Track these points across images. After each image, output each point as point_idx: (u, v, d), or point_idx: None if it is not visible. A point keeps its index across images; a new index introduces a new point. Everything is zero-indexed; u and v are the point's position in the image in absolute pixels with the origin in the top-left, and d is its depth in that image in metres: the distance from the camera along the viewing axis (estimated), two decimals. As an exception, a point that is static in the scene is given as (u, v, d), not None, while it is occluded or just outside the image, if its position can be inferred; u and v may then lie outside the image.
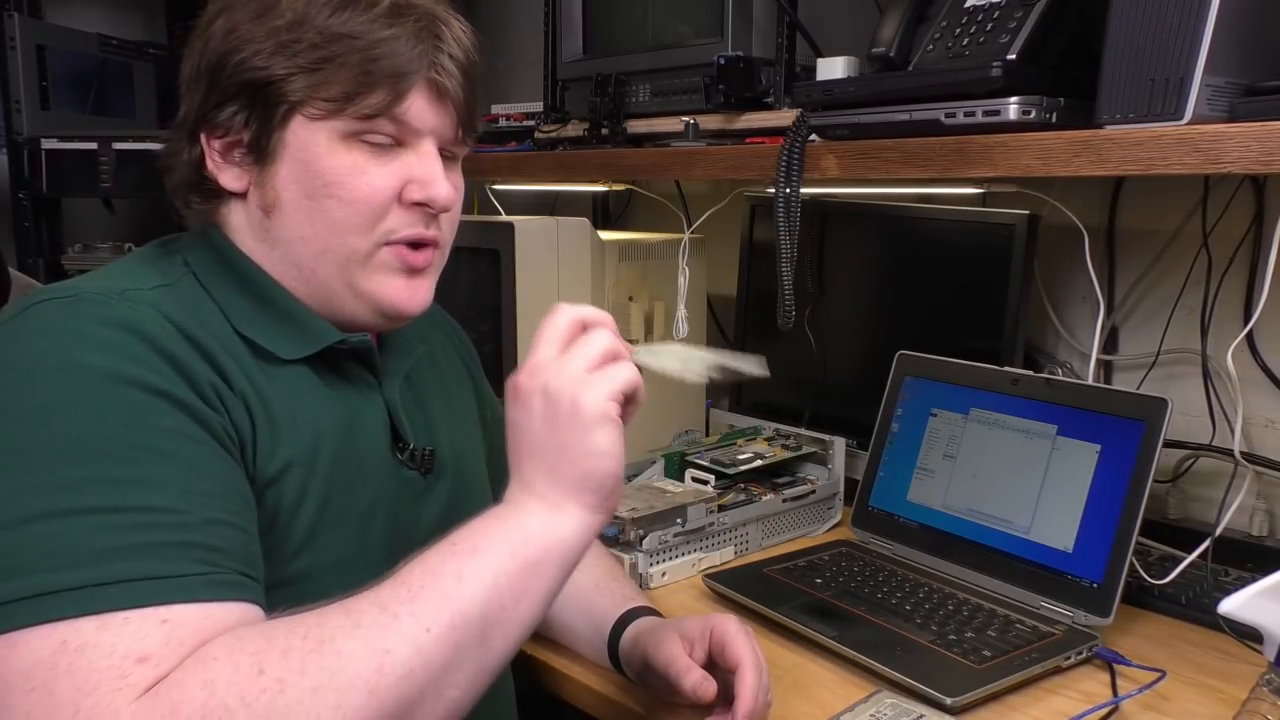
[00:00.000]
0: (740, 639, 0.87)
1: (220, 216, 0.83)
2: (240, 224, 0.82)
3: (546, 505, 0.70)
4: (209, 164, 0.80)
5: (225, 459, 0.71)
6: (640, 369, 0.75)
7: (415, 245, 0.83)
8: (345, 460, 0.81)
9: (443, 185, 0.81)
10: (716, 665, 0.88)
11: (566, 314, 0.75)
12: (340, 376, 0.84)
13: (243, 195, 0.81)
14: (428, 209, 0.81)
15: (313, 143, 0.78)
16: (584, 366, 0.71)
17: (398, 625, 0.63)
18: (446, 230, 0.86)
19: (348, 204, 0.78)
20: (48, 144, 2.12)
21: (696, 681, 0.85)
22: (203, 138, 0.80)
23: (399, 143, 0.80)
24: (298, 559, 0.76)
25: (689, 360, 0.80)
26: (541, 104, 1.71)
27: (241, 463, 0.73)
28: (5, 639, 0.60)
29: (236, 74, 0.77)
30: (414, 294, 0.83)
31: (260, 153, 0.79)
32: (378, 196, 0.79)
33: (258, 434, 0.75)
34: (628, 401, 0.73)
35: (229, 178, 0.80)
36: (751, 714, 0.84)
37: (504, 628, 0.67)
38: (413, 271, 0.83)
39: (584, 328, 0.75)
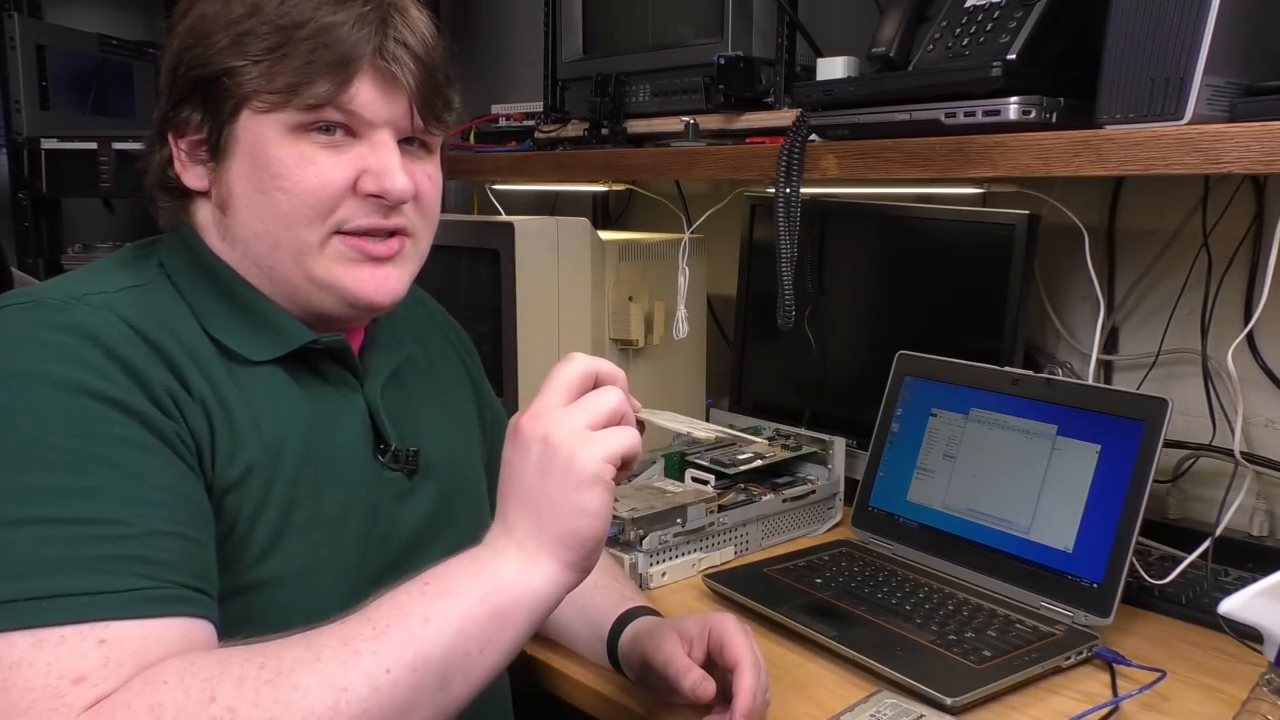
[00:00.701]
0: (739, 638, 0.87)
1: (188, 216, 0.83)
2: (205, 223, 0.82)
3: (524, 555, 0.69)
4: (175, 164, 0.81)
5: (177, 467, 0.70)
6: (642, 426, 0.75)
7: (374, 234, 0.81)
8: (315, 463, 0.80)
9: (397, 176, 0.79)
10: (715, 664, 0.88)
11: (580, 364, 0.73)
12: (317, 377, 0.83)
13: (206, 194, 0.81)
14: (383, 200, 0.79)
15: (261, 136, 0.77)
16: (587, 423, 0.70)
17: (358, 663, 0.63)
18: (416, 219, 0.83)
19: (294, 195, 0.77)
20: (48, 144, 2.12)
21: (695, 681, 0.85)
22: (170, 138, 0.80)
23: (352, 133, 0.79)
24: (261, 565, 0.75)
25: (695, 425, 0.82)
26: (541, 104, 1.71)
27: (199, 470, 0.72)
28: None
29: (190, 71, 0.77)
30: (381, 283, 0.81)
31: (216, 149, 0.79)
32: (327, 188, 0.77)
33: (216, 439, 0.74)
34: (624, 465, 0.71)
35: (192, 177, 0.80)
36: (750, 713, 0.84)
37: (466, 674, 0.66)
38: (378, 260, 0.81)
39: (596, 381, 0.73)
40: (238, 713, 0.59)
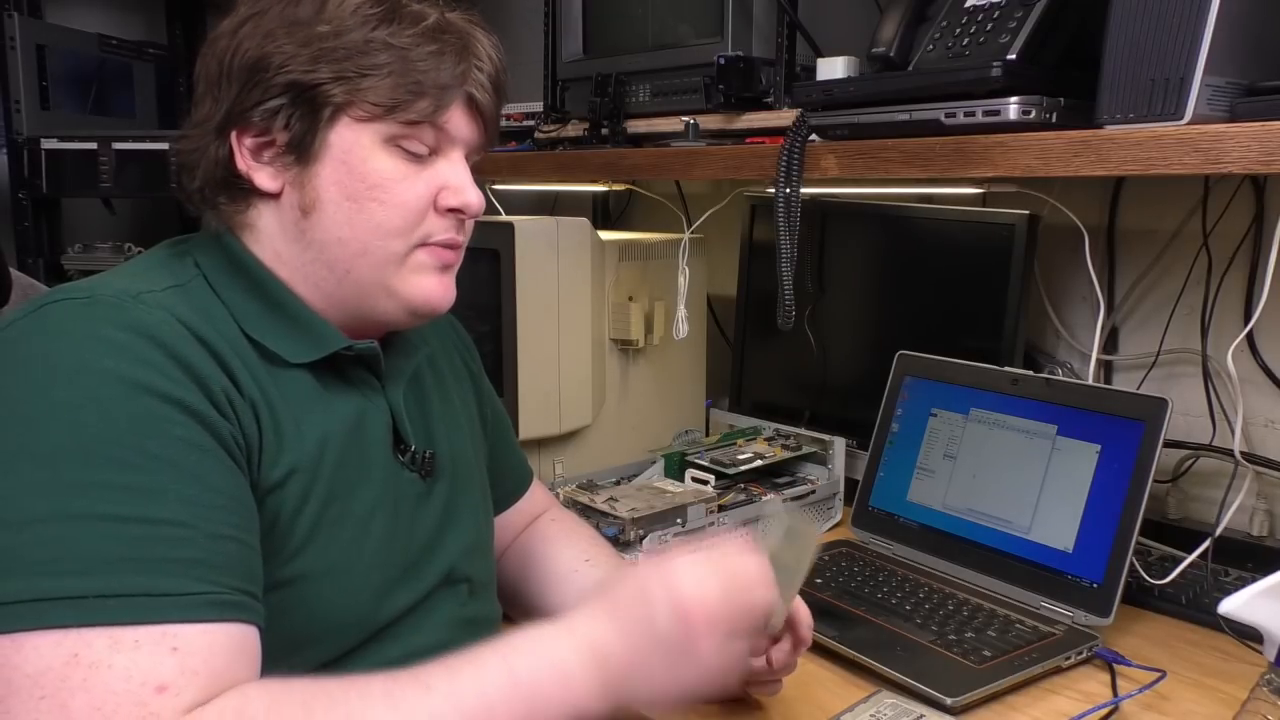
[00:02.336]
0: (803, 609, 0.90)
1: (244, 218, 0.82)
2: (268, 225, 0.81)
3: (605, 694, 0.70)
4: (240, 163, 0.79)
5: (232, 470, 0.71)
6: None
7: (449, 248, 0.85)
8: (349, 464, 0.81)
9: (475, 192, 0.84)
10: None
11: (766, 602, 0.74)
12: (344, 381, 0.84)
13: (275, 196, 0.81)
14: (460, 214, 0.84)
15: (357, 144, 0.79)
16: (729, 658, 0.72)
17: None
18: (469, 234, 0.88)
19: (390, 207, 0.80)
20: (48, 144, 2.11)
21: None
22: (233, 137, 0.79)
23: (433, 151, 0.82)
24: (293, 563, 0.76)
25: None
26: (541, 104, 1.71)
27: (246, 471, 0.73)
28: (9, 639, 0.60)
29: (280, 74, 0.77)
30: (446, 292, 0.85)
31: (301, 153, 0.79)
32: (418, 202, 0.81)
33: (264, 440, 0.75)
34: None
35: (264, 177, 0.80)
36: (810, 626, 0.89)
37: None
38: (445, 269, 0.85)
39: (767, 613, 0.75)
40: None
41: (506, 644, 0.70)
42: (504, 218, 1.54)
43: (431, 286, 0.84)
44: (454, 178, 0.83)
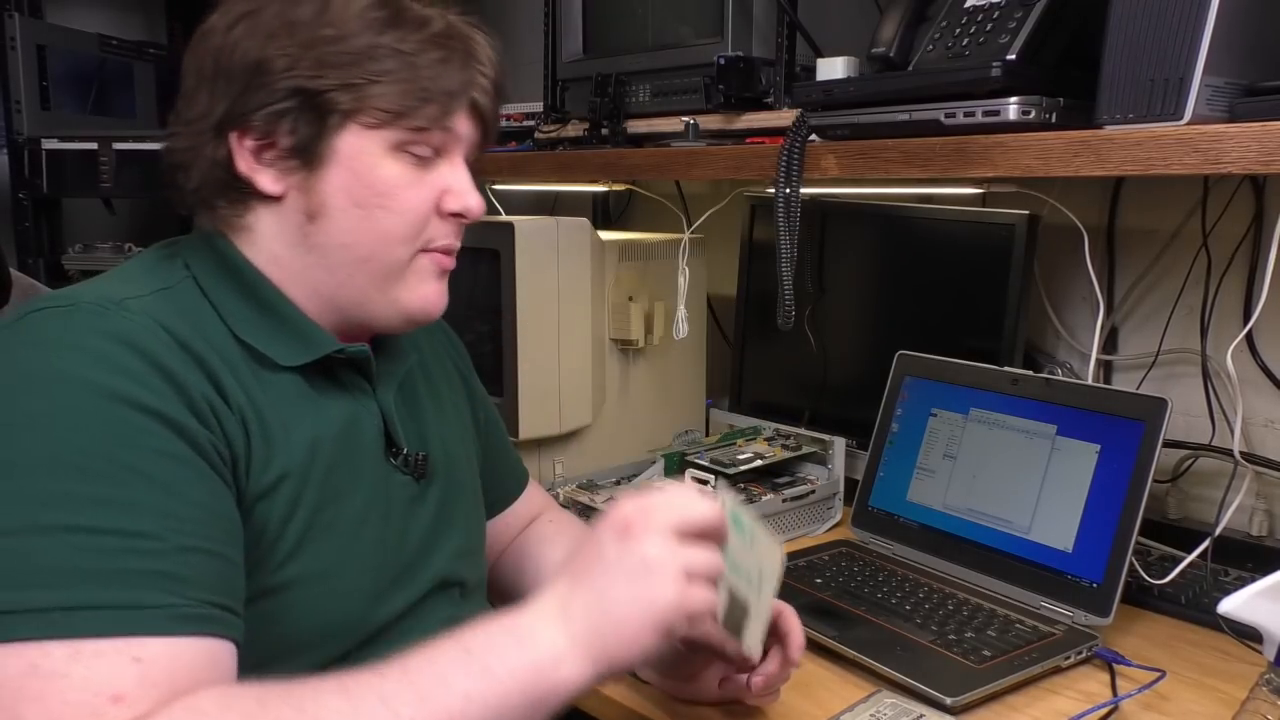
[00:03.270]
0: (787, 607, 0.89)
1: (241, 220, 0.81)
2: (268, 228, 0.80)
3: (575, 652, 0.67)
4: (241, 165, 0.78)
5: (211, 480, 0.70)
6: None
7: (449, 253, 0.85)
8: (340, 467, 0.80)
9: (476, 196, 0.84)
10: None
11: (713, 513, 0.72)
12: (335, 384, 0.83)
13: (277, 199, 0.80)
14: (462, 219, 0.84)
15: (365, 151, 0.78)
16: (689, 569, 0.69)
17: None
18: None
19: (397, 214, 0.80)
20: (48, 144, 2.12)
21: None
22: (232, 138, 0.78)
23: (436, 154, 0.82)
24: (285, 568, 0.75)
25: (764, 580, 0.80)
26: (541, 104, 1.71)
27: (232, 481, 0.72)
28: None
29: (285, 78, 0.76)
30: (440, 299, 0.85)
31: (307, 158, 0.78)
32: (422, 207, 0.81)
33: (252, 448, 0.74)
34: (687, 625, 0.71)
35: (266, 180, 0.79)
36: (802, 646, 0.87)
37: None
38: (442, 275, 0.85)
39: (714, 533, 0.72)
40: None
41: (463, 627, 0.69)
42: (504, 218, 1.54)
43: (429, 293, 0.84)
44: (456, 182, 0.83)
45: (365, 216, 0.79)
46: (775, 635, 0.88)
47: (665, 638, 0.68)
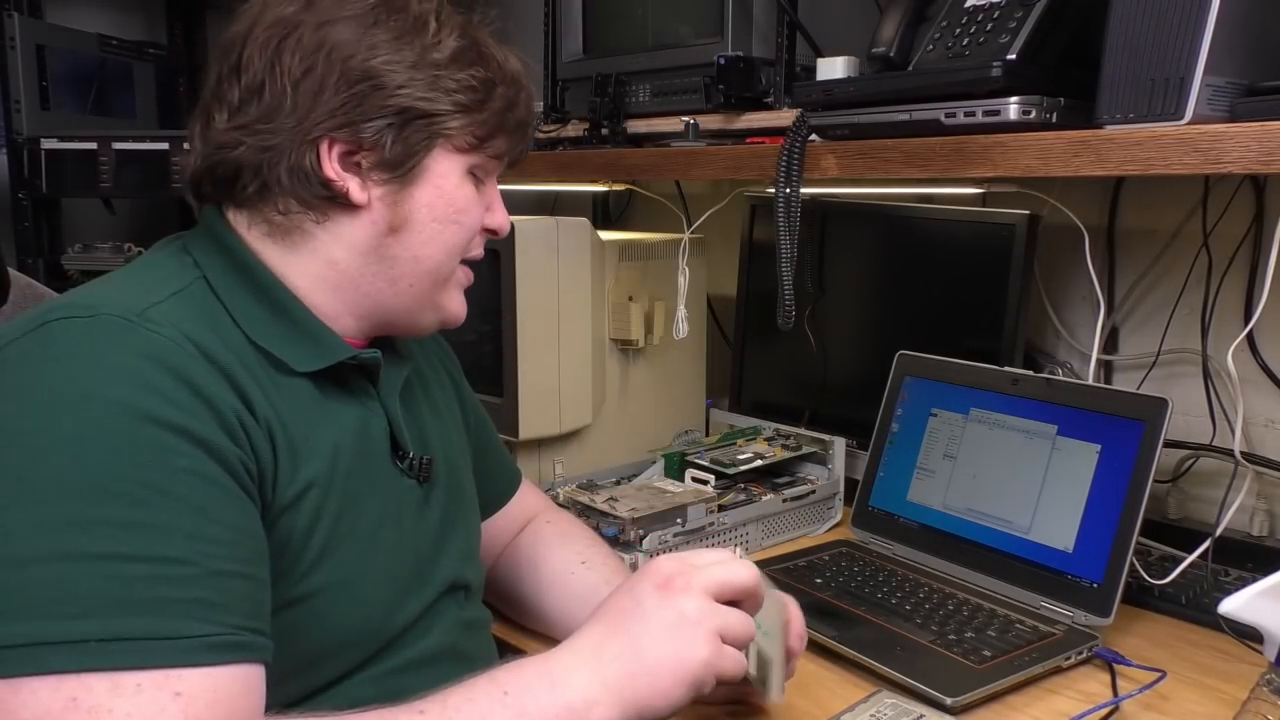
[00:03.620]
0: (791, 600, 0.90)
1: (300, 224, 0.79)
2: (338, 235, 0.80)
3: (606, 699, 0.71)
4: (329, 171, 0.77)
5: (240, 500, 0.70)
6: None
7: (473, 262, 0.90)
8: (358, 474, 0.80)
9: (505, 214, 0.90)
10: None
11: (751, 579, 0.77)
12: (343, 389, 0.83)
13: (359, 208, 0.79)
14: (495, 235, 0.90)
15: (451, 172, 0.82)
16: (722, 631, 0.74)
17: None
18: None
19: (466, 230, 0.85)
20: (48, 144, 2.12)
21: None
22: (324, 143, 0.77)
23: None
24: (309, 578, 0.75)
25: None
26: (541, 104, 1.71)
27: (258, 497, 0.72)
28: (7, 684, 0.59)
29: (398, 95, 0.77)
30: (463, 305, 0.90)
31: (402, 172, 0.79)
32: (478, 225, 0.87)
33: (279, 461, 0.74)
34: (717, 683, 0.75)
35: (355, 188, 0.79)
36: (802, 634, 0.89)
37: None
38: (467, 285, 0.90)
39: (750, 598, 0.78)
40: None
41: (499, 667, 0.72)
42: (504, 218, 1.53)
43: (459, 301, 0.89)
44: (496, 201, 0.89)
45: (441, 231, 0.83)
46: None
47: (694, 692, 0.72)
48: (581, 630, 0.75)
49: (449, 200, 0.82)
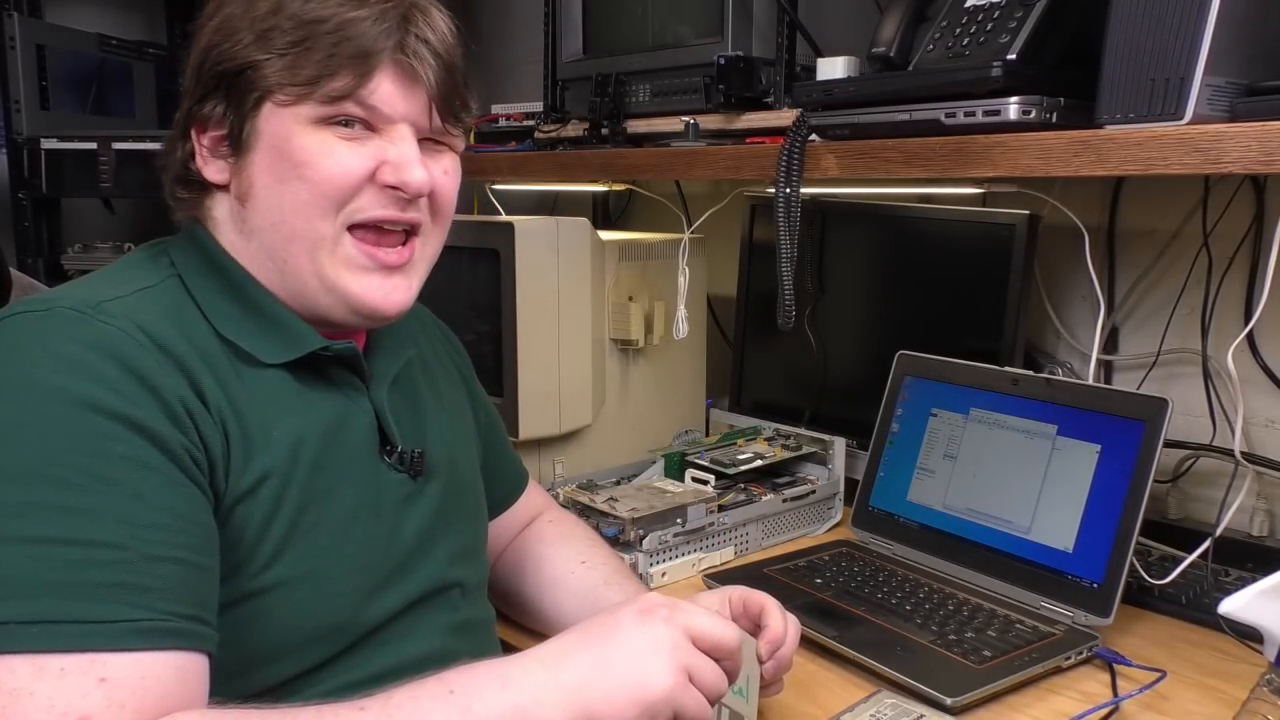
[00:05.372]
0: (759, 594, 0.89)
1: (204, 212, 0.83)
2: (222, 217, 0.82)
3: (562, 704, 0.68)
4: (197, 159, 0.81)
5: (181, 487, 0.69)
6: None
7: (383, 237, 0.80)
8: (326, 466, 0.79)
9: (416, 169, 0.79)
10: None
11: (733, 638, 0.74)
12: (324, 381, 0.83)
13: (225, 188, 0.81)
14: (400, 193, 0.79)
15: (284, 128, 0.77)
16: (694, 675, 0.71)
17: None
18: (429, 217, 0.83)
19: (313, 184, 0.77)
20: (47, 144, 2.12)
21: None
22: (193, 134, 0.81)
23: (371, 128, 0.79)
24: (268, 570, 0.75)
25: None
26: (541, 104, 1.71)
27: (208, 486, 0.71)
28: None
29: (214, 65, 0.78)
30: (389, 294, 0.81)
31: (237, 142, 0.79)
32: (346, 177, 0.77)
33: (231, 449, 0.74)
34: None
35: (213, 170, 0.81)
36: (778, 639, 0.85)
37: None
38: (388, 270, 0.81)
39: (728, 658, 0.74)
40: None
41: (450, 668, 0.70)
42: (504, 218, 1.54)
43: (369, 285, 0.80)
44: (394, 154, 0.78)
45: (284, 190, 0.77)
46: (754, 621, 0.88)
47: (648, 718, 0.69)
48: (554, 639, 0.73)
49: (284, 155, 0.77)
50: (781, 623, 0.86)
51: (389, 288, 0.81)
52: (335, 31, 0.76)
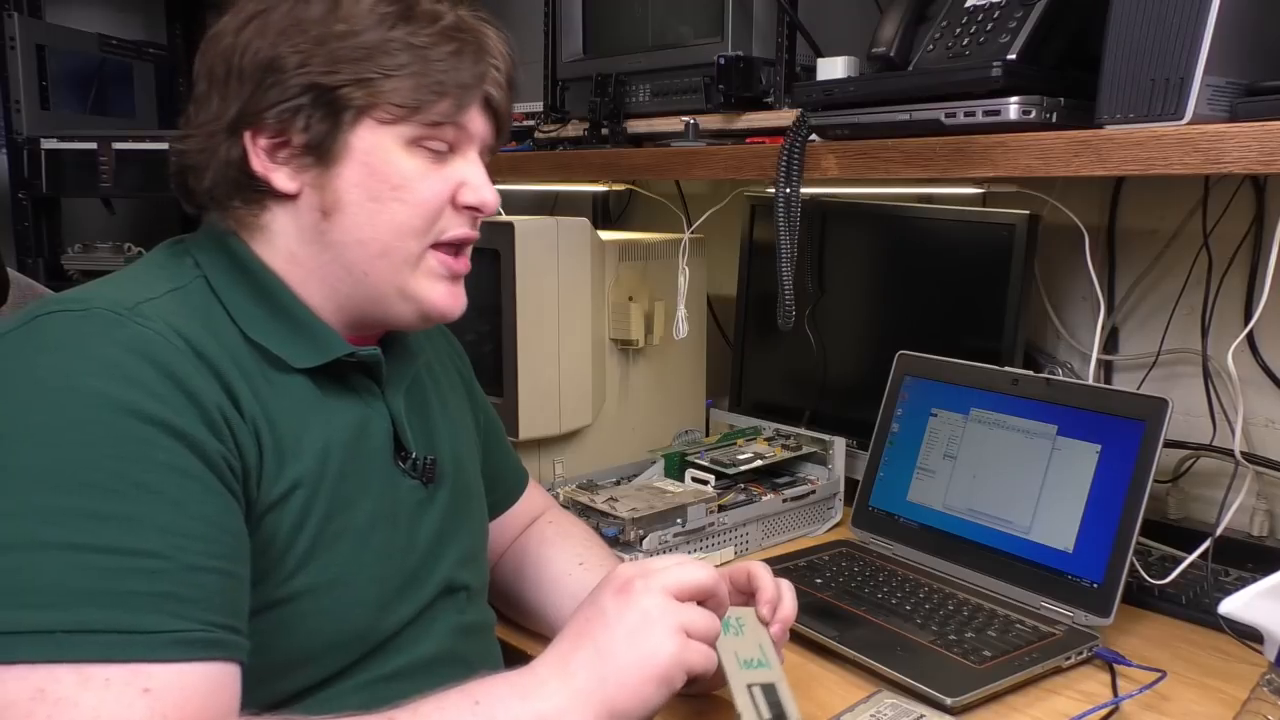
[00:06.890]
0: (741, 564, 0.90)
1: (257, 220, 0.81)
2: (284, 227, 0.80)
3: (576, 706, 0.71)
4: (255, 164, 0.78)
5: (220, 495, 0.69)
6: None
7: (458, 252, 0.85)
8: (350, 474, 0.80)
9: (491, 190, 0.84)
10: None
11: (709, 579, 0.79)
12: (344, 387, 0.83)
13: (292, 197, 0.79)
14: (477, 213, 0.84)
15: (380, 146, 0.78)
16: (687, 627, 0.74)
17: None
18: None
19: (412, 206, 0.80)
20: (47, 144, 2.12)
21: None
22: (246, 137, 0.78)
23: (451, 149, 0.82)
24: (294, 579, 0.75)
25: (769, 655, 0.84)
26: (541, 104, 1.71)
27: (242, 494, 0.71)
28: None
29: (298, 75, 0.76)
30: (456, 299, 0.85)
31: (321, 154, 0.78)
32: (437, 200, 0.81)
33: (264, 459, 0.73)
34: (689, 681, 0.76)
35: (281, 178, 0.79)
36: (773, 600, 0.87)
37: None
38: (455, 278, 0.85)
39: (710, 597, 0.79)
40: None
41: (473, 680, 0.72)
42: (504, 218, 1.53)
43: (442, 294, 0.84)
44: (472, 175, 0.83)
45: (380, 210, 0.79)
46: (746, 591, 0.89)
47: (666, 689, 0.73)
48: (551, 645, 0.75)
49: (382, 176, 0.78)
50: (772, 582, 0.88)
51: (456, 293, 0.85)
52: (439, 61, 0.78)
